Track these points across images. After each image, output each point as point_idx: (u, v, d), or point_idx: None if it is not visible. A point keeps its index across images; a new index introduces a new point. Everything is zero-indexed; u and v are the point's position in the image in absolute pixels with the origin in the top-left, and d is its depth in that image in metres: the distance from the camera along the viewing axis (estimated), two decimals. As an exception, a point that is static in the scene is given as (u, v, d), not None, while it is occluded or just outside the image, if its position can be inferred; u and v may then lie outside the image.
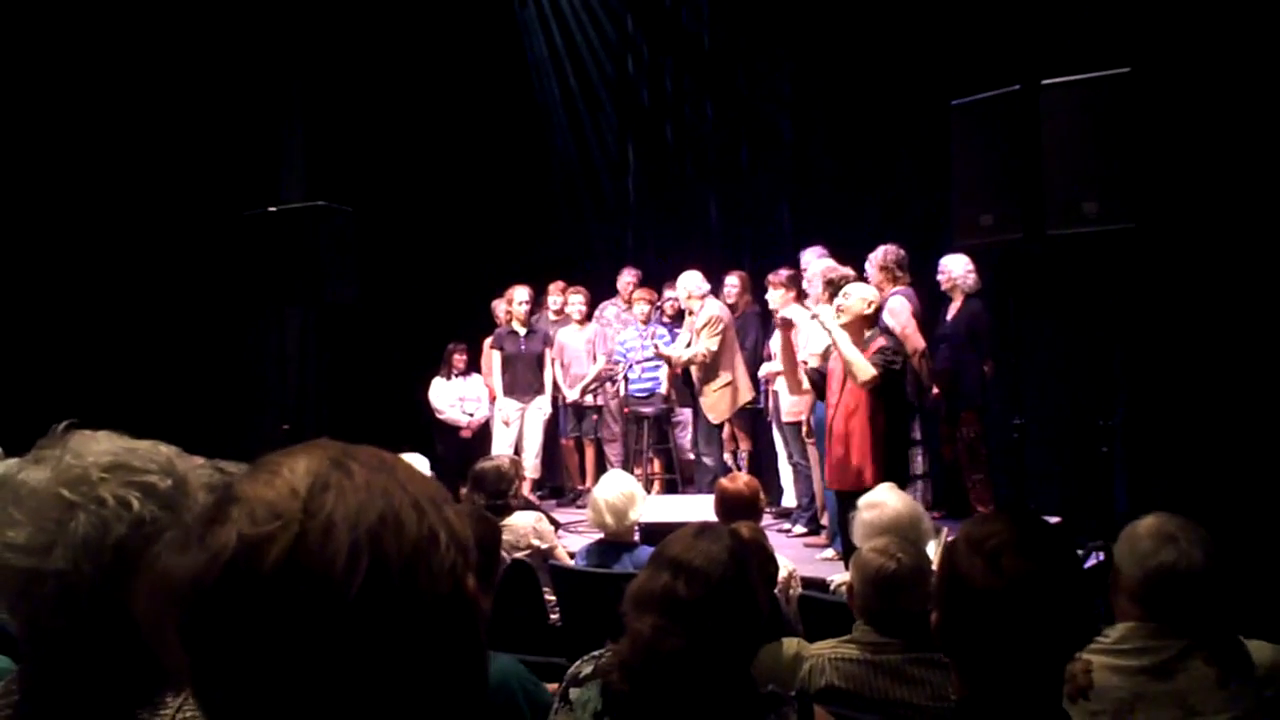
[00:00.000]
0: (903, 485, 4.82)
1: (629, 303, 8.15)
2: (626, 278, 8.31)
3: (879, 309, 5.22)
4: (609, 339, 7.94)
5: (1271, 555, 4.69)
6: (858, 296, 5.05)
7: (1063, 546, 1.53)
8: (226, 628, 0.69)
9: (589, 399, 7.85)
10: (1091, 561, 4.53)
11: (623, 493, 4.24)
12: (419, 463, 3.76)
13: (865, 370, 4.84)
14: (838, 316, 5.06)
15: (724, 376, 7.09)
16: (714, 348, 7.02)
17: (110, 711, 1.14)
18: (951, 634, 1.54)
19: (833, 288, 5.75)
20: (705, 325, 7.04)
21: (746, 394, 7.18)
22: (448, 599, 0.73)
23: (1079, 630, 1.53)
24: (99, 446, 1.17)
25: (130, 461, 1.17)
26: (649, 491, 6.37)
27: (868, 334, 5.00)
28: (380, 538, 0.71)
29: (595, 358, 7.84)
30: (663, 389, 7.54)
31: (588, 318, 8.07)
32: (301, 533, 0.69)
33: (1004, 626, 1.47)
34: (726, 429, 7.55)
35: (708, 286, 7.31)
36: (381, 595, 0.69)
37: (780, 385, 6.55)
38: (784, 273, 6.69)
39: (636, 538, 4.48)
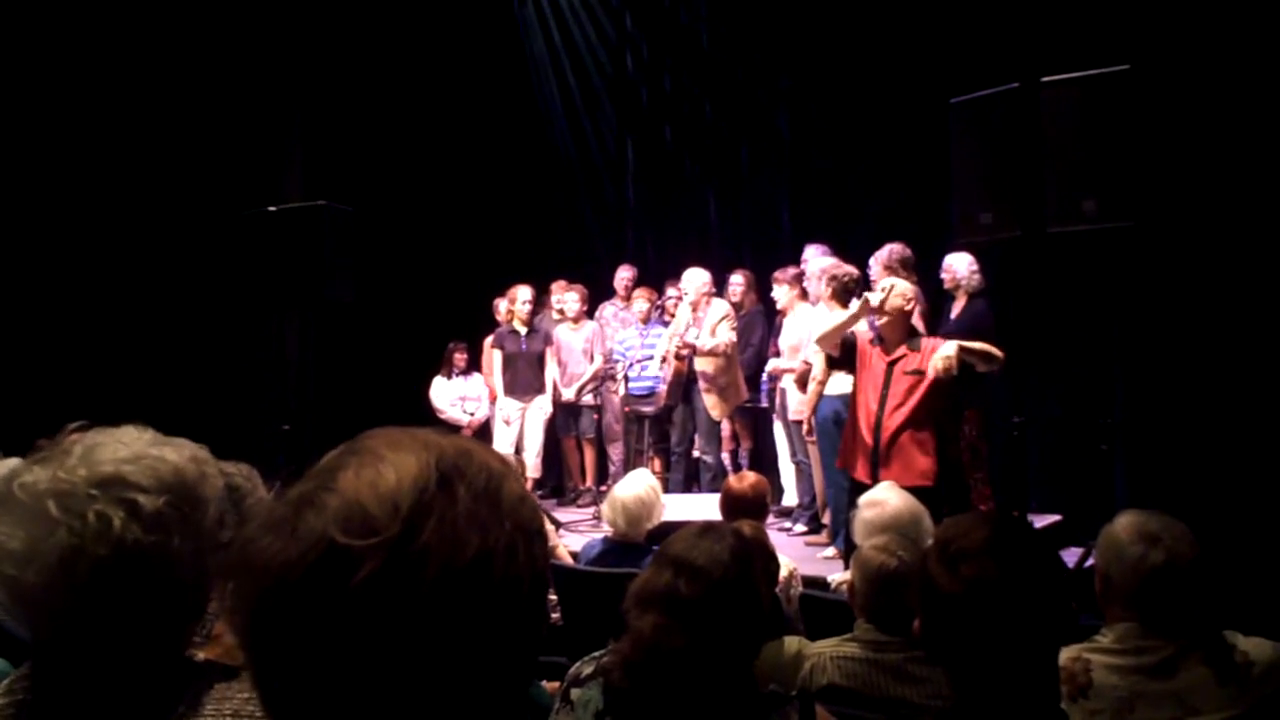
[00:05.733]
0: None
1: (626, 300, 8.15)
2: (623, 274, 8.30)
3: (916, 306, 5.08)
4: (608, 338, 7.93)
5: (1272, 551, 4.70)
6: (898, 294, 4.86)
7: (1034, 549, 1.53)
8: (299, 621, 0.69)
9: (586, 398, 7.84)
10: (1093, 560, 4.53)
11: (640, 498, 4.09)
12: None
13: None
14: (879, 317, 4.98)
15: (733, 373, 7.10)
16: (734, 338, 7.04)
17: (121, 716, 1.14)
18: (929, 638, 1.54)
19: (836, 284, 5.74)
20: (723, 319, 7.03)
21: (745, 393, 7.19)
22: (510, 637, 0.74)
23: (1053, 632, 1.52)
24: (103, 455, 1.15)
25: (127, 476, 1.14)
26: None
27: (911, 331, 4.91)
28: (469, 577, 0.71)
29: (593, 357, 7.83)
30: (662, 388, 7.48)
31: (587, 316, 8.06)
32: (395, 557, 0.69)
33: (969, 631, 1.47)
34: (728, 427, 7.55)
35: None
36: (456, 630, 0.70)
37: (787, 382, 6.54)
38: (790, 270, 6.69)
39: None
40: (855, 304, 5.10)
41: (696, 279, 7.12)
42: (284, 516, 0.71)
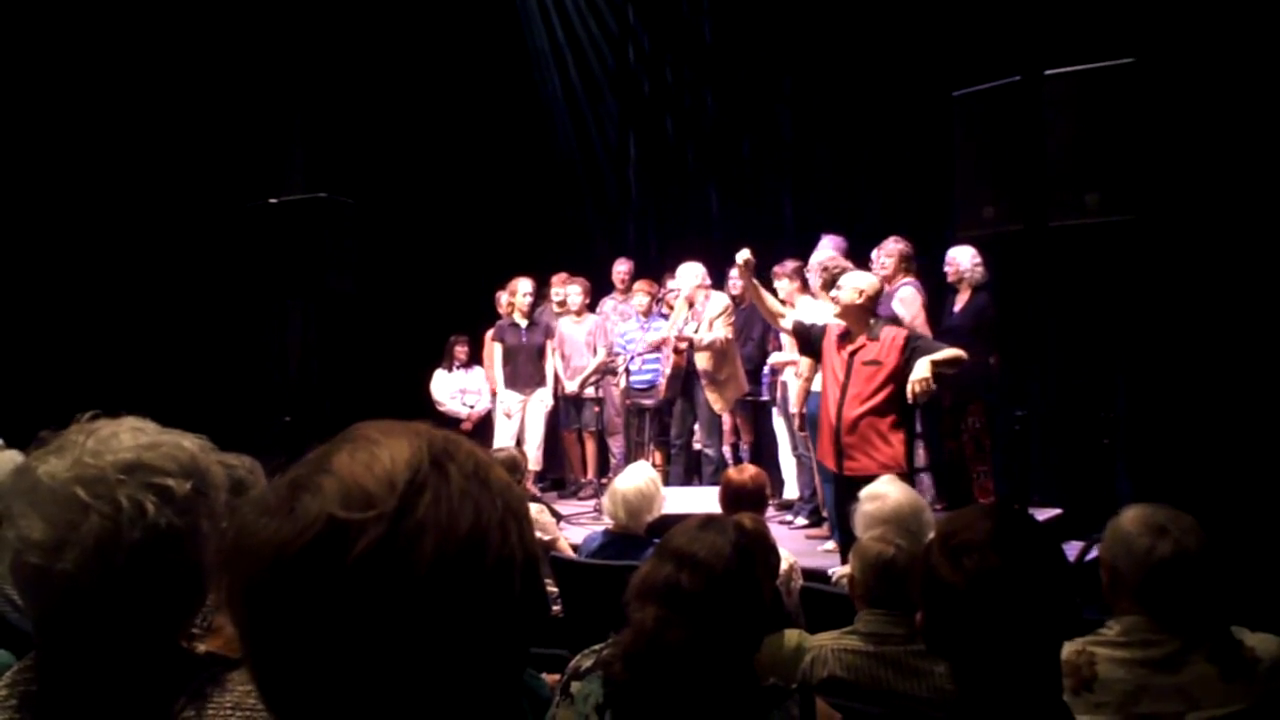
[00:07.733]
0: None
1: (624, 292, 8.14)
2: (620, 267, 8.29)
3: (875, 297, 5.08)
4: (608, 331, 7.92)
5: (1274, 545, 4.69)
6: (849, 287, 4.92)
7: (1037, 542, 1.52)
8: (297, 599, 0.69)
9: (589, 391, 7.84)
10: (1094, 554, 4.53)
11: (641, 491, 4.09)
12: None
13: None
14: (835, 307, 4.99)
15: (731, 366, 7.08)
16: (730, 335, 7.01)
17: (126, 706, 1.14)
18: (932, 631, 1.54)
19: (827, 275, 5.74)
20: (721, 313, 6.99)
21: (745, 385, 7.18)
22: (505, 620, 0.74)
23: (1056, 624, 1.52)
24: (120, 442, 1.15)
25: (150, 462, 1.15)
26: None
27: (871, 323, 4.89)
28: (465, 553, 0.71)
29: (595, 350, 7.82)
30: (662, 381, 7.45)
31: (589, 309, 8.05)
32: (393, 530, 0.69)
33: (971, 623, 1.47)
34: (729, 421, 7.54)
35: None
36: (451, 609, 0.70)
37: (788, 375, 6.53)
38: (790, 264, 6.68)
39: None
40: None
41: (690, 273, 7.10)
42: (280, 499, 0.72)
